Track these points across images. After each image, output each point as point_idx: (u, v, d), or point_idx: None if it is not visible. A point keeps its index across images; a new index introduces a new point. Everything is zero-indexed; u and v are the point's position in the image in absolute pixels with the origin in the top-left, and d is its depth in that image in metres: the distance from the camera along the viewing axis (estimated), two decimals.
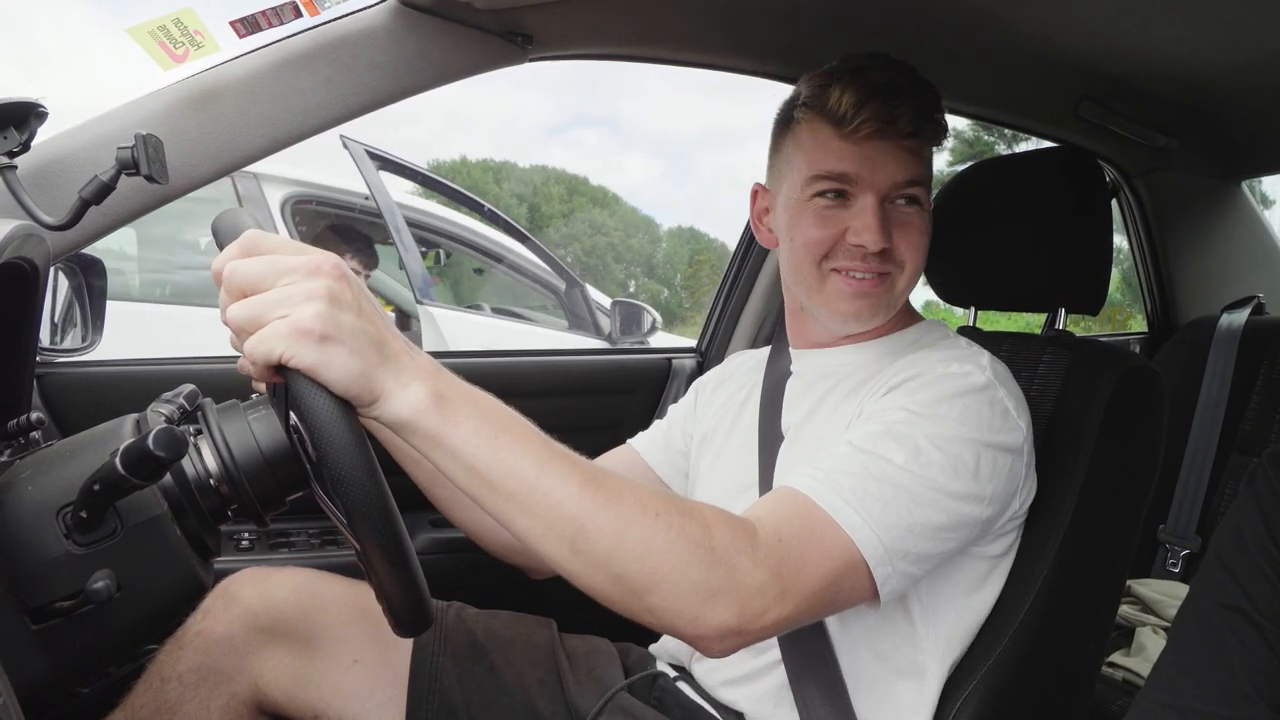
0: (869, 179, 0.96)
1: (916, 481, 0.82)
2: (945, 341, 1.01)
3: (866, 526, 0.79)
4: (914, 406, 0.87)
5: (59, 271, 1.43)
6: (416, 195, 4.15)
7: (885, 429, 0.85)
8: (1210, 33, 1.28)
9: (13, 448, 0.82)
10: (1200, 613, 0.72)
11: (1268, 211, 2.28)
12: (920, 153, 0.98)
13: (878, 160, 0.96)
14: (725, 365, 1.28)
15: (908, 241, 0.99)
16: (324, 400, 0.64)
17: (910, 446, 0.83)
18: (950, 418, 0.86)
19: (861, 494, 0.80)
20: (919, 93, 0.97)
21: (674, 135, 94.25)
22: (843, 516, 0.78)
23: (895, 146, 0.96)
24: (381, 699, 1.04)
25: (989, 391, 0.89)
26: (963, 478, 0.84)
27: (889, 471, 0.82)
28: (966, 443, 0.85)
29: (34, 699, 0.65)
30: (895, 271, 1.00)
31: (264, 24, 1.02)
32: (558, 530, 0.68)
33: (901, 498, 0.81)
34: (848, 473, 0.81)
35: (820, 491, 0.80)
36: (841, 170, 0.97)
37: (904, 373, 0.93)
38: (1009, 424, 0.89)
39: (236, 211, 0.72)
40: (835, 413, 1.00)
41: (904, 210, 0.98)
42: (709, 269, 28.62)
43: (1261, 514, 0.71)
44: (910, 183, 0.97)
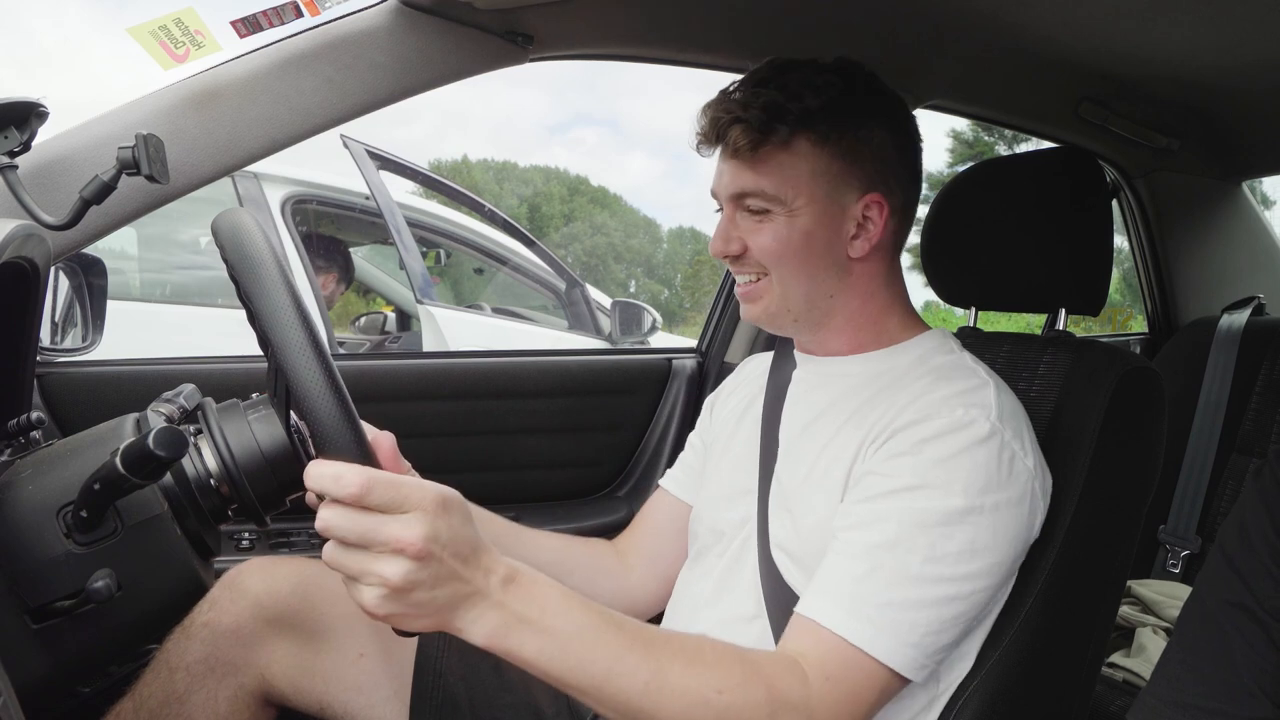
0: (719, 191, 1.02)
1: (938, 582, 0.84)
2: (950, 369, 0.98)
3: (901, 648, 0.83)
4: (921, 472, 0.87)
5: (60, 271, 1.44)
6: (417, 195, 4.15)
7: (896, 528, 0.85)
8: (1211, 34, 1.28)
9: (13, 447, 0.82)
10: (1205, 609, 0.72)
11: (1268, 212, 2.28)
12: (747, 158, 0.97)
13: (721, 172, 1.02)
14: (738, 373, 1.28)
15: (759, 247, 0.99)
16: (324, 399, 0.64)
17: (924, 546, 0.84)
18: (957, 482, 0.86)
19: (890, 617, 0.83)
20: (734, 99, 0.97)
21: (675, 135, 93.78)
22: (878, 648, 0.83)
23: (725, 158, 1.00)
24: (386, 693, 1.05)
25: (995, 439, 0.88)
26: (979, 556, 0.86)
27: (909, 577, 0.84)
28: (976, 515, 0.86)
29: (35, 698, 0.65)
30: (766, 276, 1.01)
31: (265, 24, 1.02)
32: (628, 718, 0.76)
33: (929, 605, 0.84)
34: (873, 594, 0.84)
35: (851, 626, 0.83)
36: (712, 187, 1.04)
37: (908, 413, 0.92)
38: (1015, 469, 0.89)
39: (236, 212, 0.72)
40: (836, 437, 0.98)
41: (748, 219, 1.00)
42: (709, 269, 28.61)
43: (1268, 511, 0.71)
44: (740, 193, 0.99)
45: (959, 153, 14.13)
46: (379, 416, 1.13)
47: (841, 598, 0.84)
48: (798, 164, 0.97)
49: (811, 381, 1.07)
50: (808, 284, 1.00)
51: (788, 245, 0.98)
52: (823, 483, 0.96)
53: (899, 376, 0.99)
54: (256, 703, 1.02)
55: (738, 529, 1.05)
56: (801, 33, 1.35)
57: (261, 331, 0.68)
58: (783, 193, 0.97)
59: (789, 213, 0.98)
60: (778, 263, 0.99)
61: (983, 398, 0.91)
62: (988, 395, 0.92)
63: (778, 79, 0.98)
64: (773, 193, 0.97)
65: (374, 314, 4.36)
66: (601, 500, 1.73)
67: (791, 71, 0.98)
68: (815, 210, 0.98)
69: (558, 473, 1.71)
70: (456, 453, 1.61)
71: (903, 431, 0.91)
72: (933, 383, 0.95)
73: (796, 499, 0.98)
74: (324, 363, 0.66)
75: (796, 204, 0.97)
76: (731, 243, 1.01)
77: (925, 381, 0.96)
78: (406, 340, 3.89)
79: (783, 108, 0.95)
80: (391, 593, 0.65)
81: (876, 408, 0.96)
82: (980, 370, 0.97)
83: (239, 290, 0.70)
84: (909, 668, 0.83)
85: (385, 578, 0.65)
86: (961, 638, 0.88)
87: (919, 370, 0.99)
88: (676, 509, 1.20)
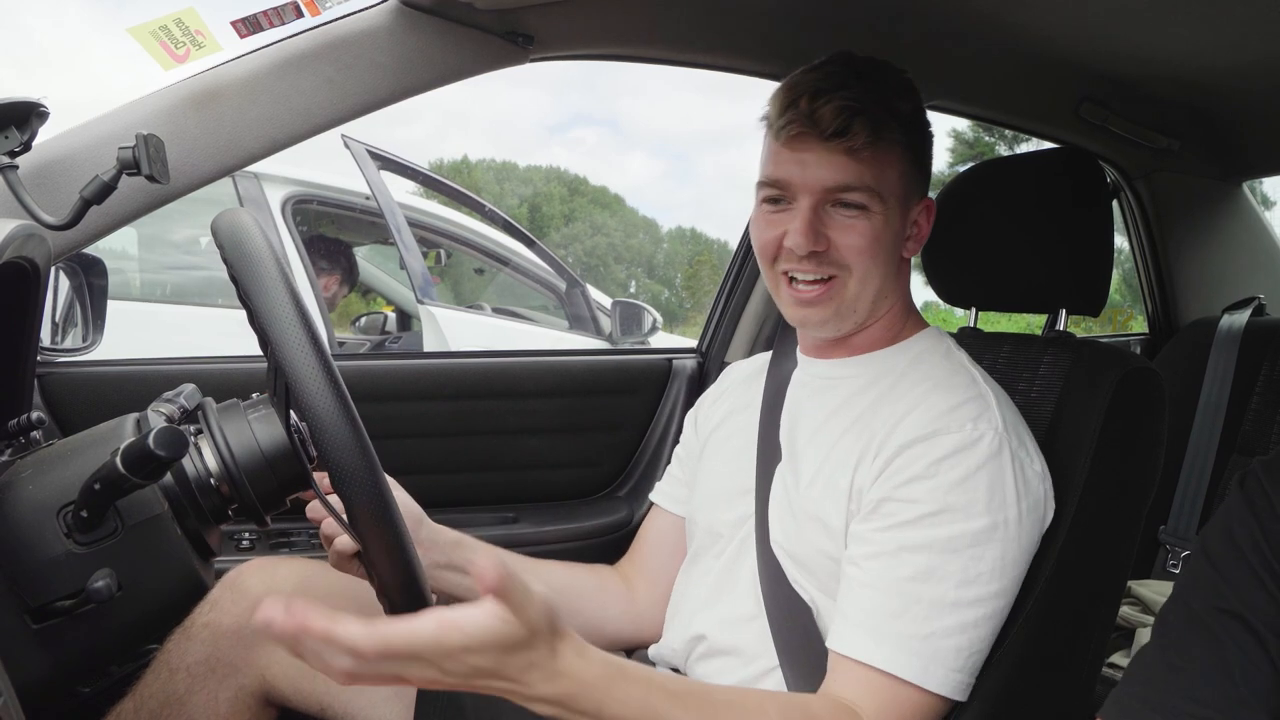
0: (800, 183, 0.96)
1: (975, 603, 0.86)
2: (947, 375, 0.98)
3: (951, 674, 0.85)
4: (941, 496, 0.87)
5: (60, 271, 1.44)
6: (417, 195, 4.15)
7: (927, 559, 0.86)
8: (1212, 34, 1.28)
9: (13, 447, 0.82)
10: (1192, 613, 0.71)
11: (1268, 213, 2.28)
12: (857, 153, 0.94)
13: (807, 163, 0.95)
14: (720, 381, 1.28)
15: (849, 245, 0.96)
16: (325, 400, 0.64)
17: (957, 568, 0.86)
18: (979, 502, 0.87)
19: (935, 647, 0.85)
20: (851, 89, 0.94)
21: (674, 135, 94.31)
22: (930, 679, 0.84)
23: (824, 148, 0.94)
24: (387, 693, 1.05)
25: (1005, 451, 0.89)
26: (1009, 569, 0.88)
27: (946, 604, 0.85)
28: (1001, 530, 0.87)
29: (35, 698, 0.65)
30: (841, 275, 0.98)
31: (265, 24, 1.02)
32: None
33: (967, 629, 0.86)
34: (914, 625, 0.85)
35: (900, 662, 0.84)
36: (776, 176, 0.98)
37: (912, 427, 0.92)
38: (1029, 476, 0.91)
39: (236, 212, 0.72)
40: (840, 443, 0.98)
41: (843, 214, 0.96)
42: (710, 270, 28.64)
43: (1256, 520, 0.71)
44: (844, 187, 0.95)
45: (959, 153, 14.12)
46: (379, 416, 1.13)
47: (885, 635, 0.85)
48: (894, 164, 0.97)
49: (814, 385, 1.07)
50: (879, 284, 1.00)
51: (876, 244, 0.97)
52: (827, 489, 0.96)
53: (897, 379, 1.00)
54: (257, 703, 1.02)
55: (735, 529, 1.05)
56: (801, 33, 1.35)
57: (261, 331, 0.68)
58: (882, 189, 0.96)
59: (884, 210, 0.97)
60: (862, 260, 0.97)
61: (985, 409, 0.92)
62: (989, 405, 0.93)
63: (878, 75, 0.97)
64: (875, 188, 0.95)
65: (374, 314, 4.37)
66: (601, 500, 1.73)
67: (885, 70, 0.99)
68: (897, 210, 0.99)
69: (558, 473, 1.71)
70: (456, 453, 1.61)
71: (911, 449, 0.90)
72: (930, 391, 0.95)
73: (800, 504, 0.98)
74: (324, 362, 0.66)
75: (889, 202, 0.97)
76: (820, 238, 0.96)
77: (924, 388, 0.96)
78: (407, 340, 3.90)
79: (894, 107, 0.96)
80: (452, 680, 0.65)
81: (878, 414, 0.96)
82: (977, 377, 0.98)
83: (239, 290, 0.70)
84: (958, 691, 0.86)
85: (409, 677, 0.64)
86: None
87: (915, 374, 0.99)
88: (671, 524, 1.20)
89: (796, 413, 1.06)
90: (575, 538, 1.61)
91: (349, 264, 3.65)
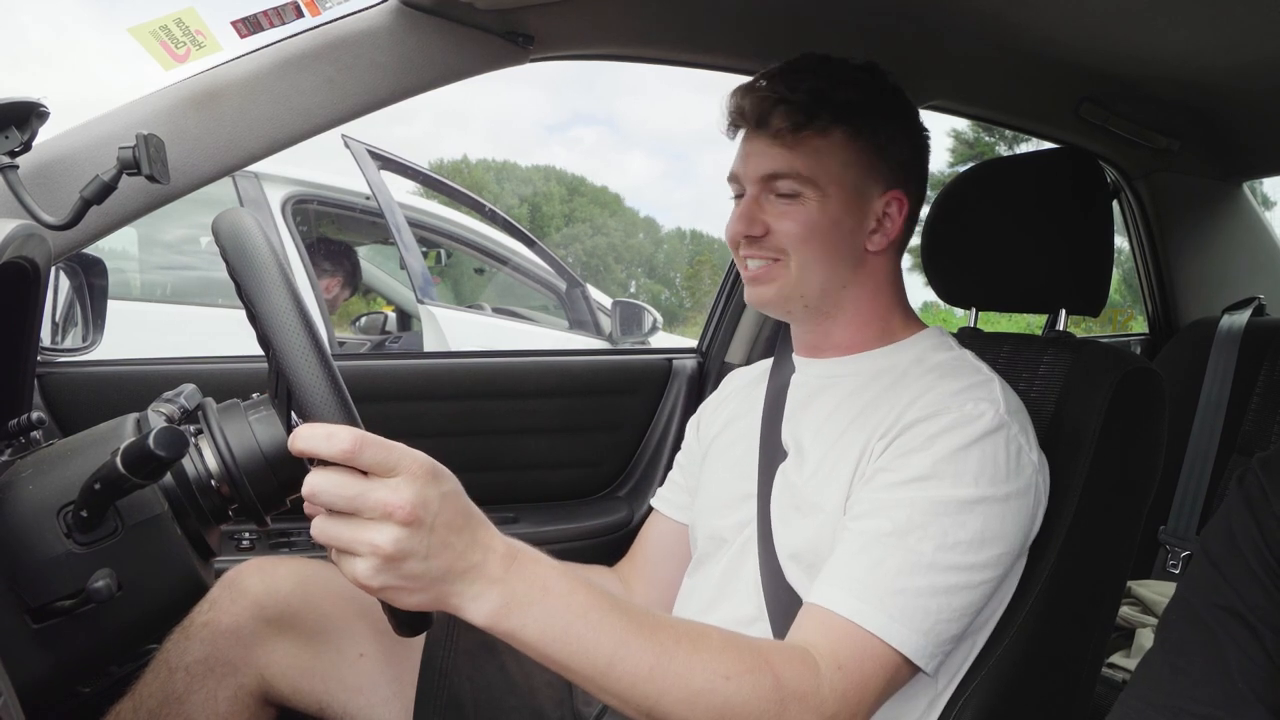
0: (743, 174, 1.03)
1: (949, 570, 0.85)
2: (953, 365, 0.99)
3: (914, 635, 0.83)
4: (932, 463, 0.87)
5: (60, 271, 1.44)
6: (417, 195, 4.15)
7: (907, 515, 0.85)
8: (1212, 34, 1.28)
9: (13, 447, 0.82)
10: (1193, 612, 0.71)
11: (1269, 213, 2.28)
12: (782, 140, 0.98)
13: (750, 155, 1.02)
14: (722, 388, 1.28)
15: (784, 231, 1.00)
16: (329, 410, 0.65)
17: (936, 533, 0.85)
18: (968, 473, 0.87)
19: (902, 604, 0.83)
20: (779, 82, 0.99)
21: (673, 134, 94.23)
22: (892, 634, 0.82)
23: (757, 138, 1.01)
24: (386, 694, 1.05)
25: (1003, 431, 0.89)
26: (988, 546, 0.86)
27: (921, 565, 0.84)
28: (987, 504, 0.87)
29: (35, 698, 0.65)
30: (782, 259, 1.01)
31: (266, 24, 1.02)
32: (633, 704, 0.74)
33: (940, 593, 0.84)
34: (885, 580, 0.84)
35: (865, 613, 0.82)
36: (731, 171, 1.05)
37: (916, 409, 0.92)
38: (1022, 461, 0.90)
39: (237, 212, 0.72)
40: (843, 437, 0.98)
41: (777, 201, 1.00)
42: (710, 270, 28.63)
43: (1254, 518, 0.71)
44: (772, 174, 0.99)
45: (959, 153, 14.12)
46: (379, 416, 1.13)
47: (854, 585, 0.84)
48: (833, 152, 0.99)
49: (813, 385, 1.07)
50: (825, 271, 1.01)
51: (814, 230, 1.00)
52: (829, 480, 0.96)
53: (901, 375, 1.00)
54: (256, 703, 1.02)
55: (737, 532, 1.05)
56: (801, 33, 1.35)
57: (262, 332, 0.68)
58: (817, 177, 0.99)
59: (820, 198, 0.99)
60: (800, 246, 1.00)
61: (990, 392, 0.93)
62: (994, 390, 0.93)
63: (819, 69, 1.01)
64: (808, 175, 0.99)
65: (374, 314, 4.37)
66: (601, 500, 1.73)
67: (831, 64, 1.02)
68: (843, 199, 1.00)
69: (558, 473, 1.71)
70: (457, 453, 1.59)
71: (911, 428, 0.91)
72: (937, 379, 0.95)
73: (805, 498, 0.98)
74: (325, 363, 0.66)
75: (828, 190, 0.99)
76: (755, 224, 1.01)
77: (929, 379, 0.96)
78: (407, 340, 3.90)
79: (826, 96, 0.98)
80: (383, 562, 0.64)
81: (880, 407, 0.96)
82: (983, 367, 0.99)
83: (240, 291, 0.70)
84: (920, 655, 0.83)
85: (375, 544, 0.63)
86: (965, 631, 0.88)
87: (919, 369, 1.00)
88: (672, 530, 1.20)
89: (798, 413, 1.06)
90: (575, 538, 1.61)
91: (352, 267, 3.66)
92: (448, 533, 0.67)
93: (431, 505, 0.66)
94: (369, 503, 0.63)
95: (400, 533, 0.64)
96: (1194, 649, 0.70)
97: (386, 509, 0.63)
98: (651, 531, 1.23)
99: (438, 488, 0.67)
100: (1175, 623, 0.73)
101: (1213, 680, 0.67)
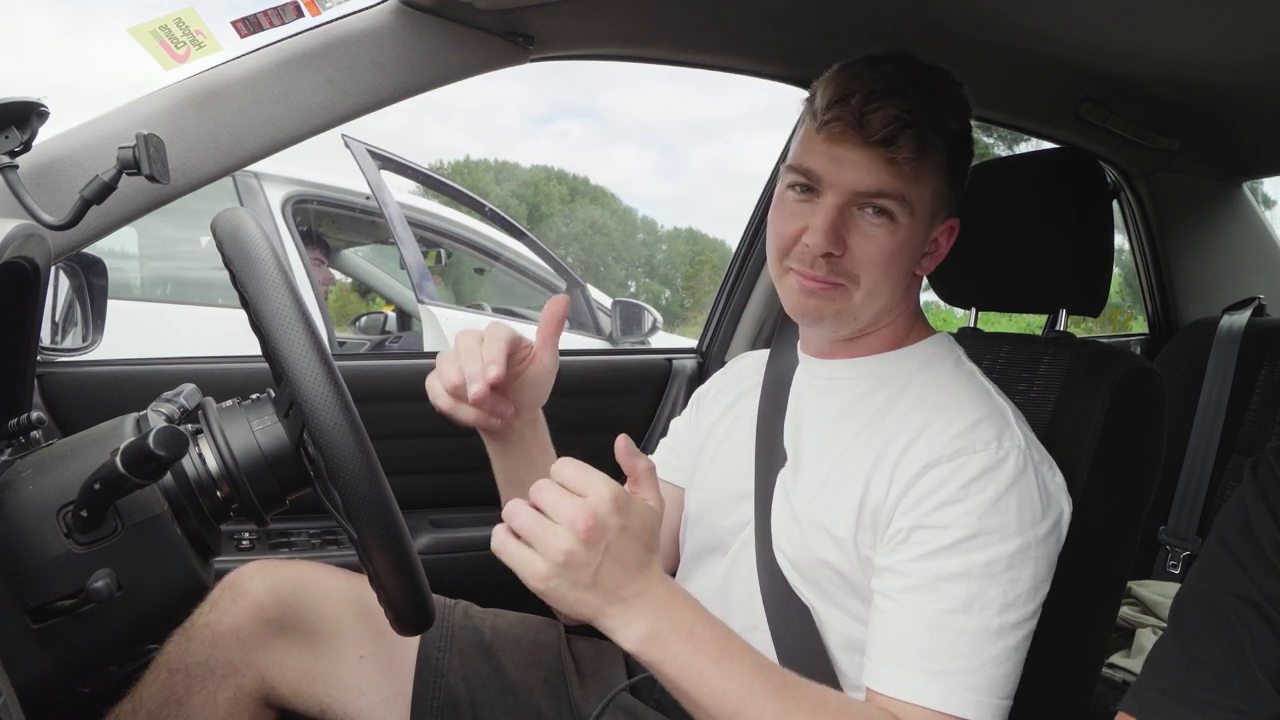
0: (832, 179, 0.93)
1: (1016, 626, 0.85)
2: (963, 389, 0.95)
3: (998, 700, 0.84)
4: (974, 521, 0.85)
5: (60, 271, 1.44)
6: (417, 195, 4.15)
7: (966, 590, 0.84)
8: (1212, 34, 1.28)
9: (13, 447, 0.82)
10: (1208, 602, 0.71)
11: (1269, 213, 2.28)
12: (898, 163, 0.90)
13: (844, 161, 0.92)
14: (725, 371, 1.26)
15: (864, 256, 0.93)
16: (337, 429, 0.65)
17: (998, 595, 0.85)
18: (1010, 523, 0.86)
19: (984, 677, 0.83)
20: (907, 99, 0.90)
21: (657, 125, 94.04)
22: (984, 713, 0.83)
23: (866, 151, 0.91)
24: (387, 695, 1.05)
25: (1029, 470, 0.88)
26: (1041, 587, 0.87)
27: (991, 633, 0.84)
28: (1033, 549, 0.86)
29: (35, 698, 0.65)
30: (849, 285, 0.95)
31: (266, 24, 1.02)
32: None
33: (1011, 652, 0.85)
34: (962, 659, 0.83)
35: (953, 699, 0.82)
36: (808, 166, 0.95)
37: (933, 443, 0.89)
38: (1051, 490, 0.90)
39: (237, 212, 0.73)
40: (849, 450, 0.96)
41: (869, 220, 0.93)
42: (710, 270, 28.63)
43: (1269, 508, 0.71)
44: (877, 193, 0.91)
45: None
46: (379, 416, 1.13)
47: (935, 673, 0.83)
48: (930, 180, 0.94)
49: (817, 386, 1.05)
50: (886, 297, 0.97)
51: (893, 258, 0.94)
52: (835, 498, 0.94)
53: (904, 385, 0.98)
54: (256, 705, 1.02)
55: (734, 535, 1.04)
56: (801, 32, 1.35)
57: (263, 334, 0.68)
58: (916, 202, 0.93)
59: (910, 226, 0.94)
60: (877, 273, 0.94)
61: (1006, 427, 0.90)
62: (1009, 423, 0.91)
63: (932, 85, 0.94)
64: (910, 200, 0.93)
65: (374, 314, 4.37)
66: None
67: (942, 82, 0.95)
68: (921, 227, 0.96)
69: None
70: (456, 453, 1.60)
71: (935, 470, 0.88)
72: (946, 404, 0.93)
73: (805, 511, 0.96)
74: (325, 363, 0.66)
75: (917, 218, 0.94)
76: (839, 243, 0.93)
77: (937, 401, 0.93)
78: (407, 340, 3.90)
79: (944, 124, 0.93)
80: (556, 567, 0.72)
81: (887, 421, 0.94)
82: (992, 390, 0.96)
83: (240, 291, 0.70)
84: (999, 716, 0.84)
85: (551, 546, 0.72)
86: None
87: (924, 381, 0.97)
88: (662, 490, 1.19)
89: (799, 415, 1.04)
90: None
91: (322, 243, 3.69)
92: (618, 559, 0.74)
93: (609, 531, 0.73)
94: (561, 510, 0.73)
95: (576, 545, 0.72)
96: (1210, 639, 0.70)
97: (572, 520, 0.72)
98: None
99: (619, 519, 0.74)
100: (1190, 612, 0.73)
101: (1230, 671, 0.68)
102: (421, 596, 0.75)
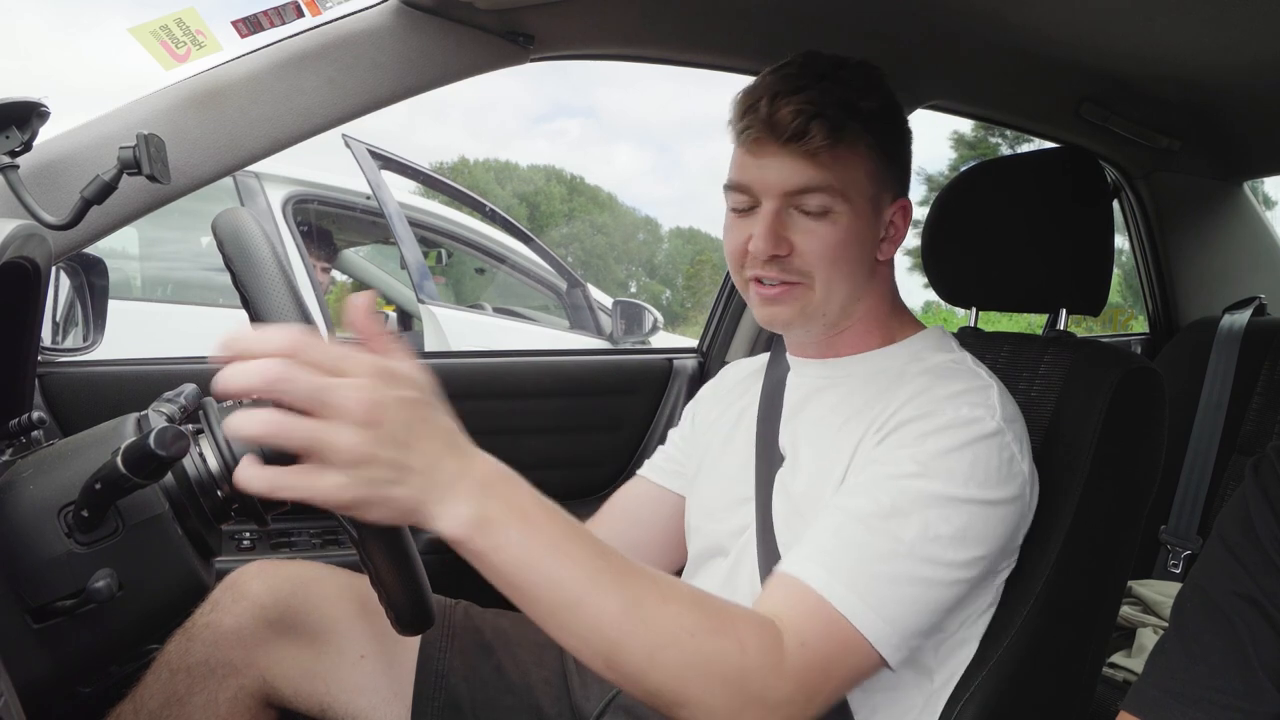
0: (762, 186, 0.95)
1: (926, 562, 0.83)
2: (952, 368, 0.97)
3: (883, 623, 0.80)
4: (922, 459, 0.86)
5: (61, 271, 1.44)
6: (418, 195, 4.15)
7: (892, 500, 0.84)
8: (1213, 34, 1.28)
9: (14, 447, 0.82)
10: (1209, 600, 0.72)
11: (1269, 212, 2.28)
12: (815, 156, 0.91)
13: (767, 166, 0.94)
14: (720, 378, 1.26)
15: (811, 251, 0.94)
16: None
17: (919, 522, 0.83)
18: (958, 473, 0.85)
19: (875, 589, 0.81)
20: (809, 91, 0.91)
21: (655, 124, 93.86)
22: (861, 619, 0.79)
23: (783, 150, 0.92)
24: (388, 695, 1.05)
25: (998, 438, 0.88)
26: (969, 546, 0.85)
27: (899, 552, 0.82)
28: (974, 505, 0.85)
29: (35, 698, 0.65)
30: (805, 283, 0.96)
31: (266, 24, 1.02)
32: (594, 647, 0.71)
33: (914, 583, 0.82)
34: (861, 561, 0.81)
35: (836, 591, 0.80)
36: (739, 180, 0.97)
37: (910, 408, 0.91)
38: (1014, 470, 0.89)
39: (236, 211, 0.73)
40: (837, 438, 0.97)
41: (806, 218, 0.94)
42: (711, 269, 28.62)
43: (1271, 506, 0.71)
44: (805, 188, 0.93)
45: (961, 153, 14.12)
46: None
47: (828, 560, 0.82)
48: (859, 164, 0.95)
49: (810, 386, 1.06)
50: (847, 288, 0.98)
51: (841, 248, 0.95)
52: (825, 480, 0.95)
53: (897, 374, 0.99)
54: (258, 705, 1.02)
55: (734, 539, 1.04)
56: (801, 32, 1.35)
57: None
58: (848, 191, 0.94)
59: (850, 213, 0.95)
60: (827, 267, 0.95)
61: (987, 398, 0.91)
62: (992, 396, 0.92)
63: (837, 74, 0.95)
64: (840, 190, 0.93)
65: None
66: (602, 501, 1.72)
67: (847, 68, 0.96)
68: (865, 213, 0.96)
69: (558, 473, 1.71)
70: None
71: (905, 426, 0.90)
72: (933, 380, 0.94)
73: (805, 497, 0.97)
74: None
75: (856, 204, 0.95)
76: (782, 243, 0.94)
77: (925, 379, 0.95)
78: (407, 340, 3.90)
79: (855, 106, 0.93)
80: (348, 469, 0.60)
81: (874, 405, 0.95)
82: (982, 371, 0.97)
83: (240, 292, 0.70)
84: (885, 645, 0.80)
85: (336, 446, 0.60)
86: (932, 632, 0.87)
87: (916, 368, 0.99)
88: (658, 497, 1.19)
89: (794, 417, 1.05)
90: None
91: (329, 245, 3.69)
92: (414, 435, 0.64)
93: (389, 406, 0.62)
94: (328, 400, 0.60)
95: (360, 435, 0.60)
96: (1211, 637, 0.70)
97: (343, 406, 0.60)
98: (631, 498, 1.21)
99: (394, 390, 0.63)
100: (1192, 611, 0.73)
101: (1232, 669, 0.68)
102: (422, 597, 0.75)
